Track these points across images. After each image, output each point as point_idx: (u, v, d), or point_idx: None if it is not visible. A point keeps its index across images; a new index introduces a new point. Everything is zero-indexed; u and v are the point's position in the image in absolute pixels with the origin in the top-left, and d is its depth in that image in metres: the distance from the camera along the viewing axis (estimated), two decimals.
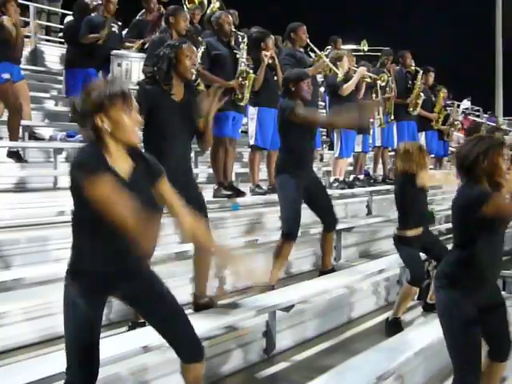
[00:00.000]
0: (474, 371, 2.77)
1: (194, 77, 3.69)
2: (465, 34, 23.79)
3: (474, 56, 24.16)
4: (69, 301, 2.31)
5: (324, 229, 4.76)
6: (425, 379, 3.78)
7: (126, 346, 2.88)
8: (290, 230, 4.43)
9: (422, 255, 4.56)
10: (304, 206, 4.61)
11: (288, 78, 4.56)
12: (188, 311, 3.69)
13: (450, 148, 10.31)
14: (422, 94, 8.37)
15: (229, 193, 5.50)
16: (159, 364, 3.15)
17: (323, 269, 4.83)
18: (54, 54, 9.49)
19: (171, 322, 2.45)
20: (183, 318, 2.48)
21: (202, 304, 3.80)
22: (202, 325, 3.30)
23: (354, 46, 8.71)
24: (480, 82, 20.77)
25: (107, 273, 2.29)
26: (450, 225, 6.99)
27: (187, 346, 2.48)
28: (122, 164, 2.26)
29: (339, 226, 5.83)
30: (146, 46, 6.58)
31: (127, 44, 7.32)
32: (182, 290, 3.80)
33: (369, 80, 7.07)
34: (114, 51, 6.79)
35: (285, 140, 4.51)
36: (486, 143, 2.76)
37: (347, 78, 6.79)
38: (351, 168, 7.89)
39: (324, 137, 7.82)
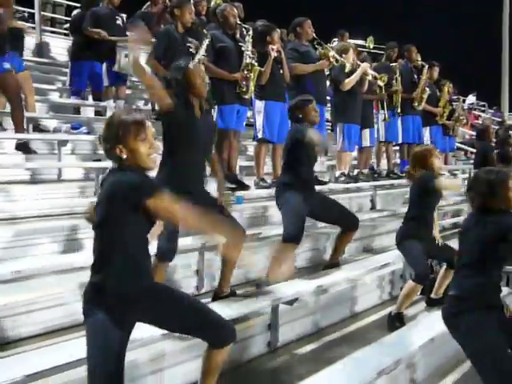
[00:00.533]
0: None
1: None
2: (470, 31, 23.72)
3: (479, 51, 24.08)
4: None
5: (345, 229, 4.73)
6: (426, 374, 3.78)
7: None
8: (294, 233, 4.34)
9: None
10: None
11: (294, 106, 4.63)
12: None
13: (456, 143, 10.31)
14: (427, 89, 8.34)
15: (233, 186, 5.50)
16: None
17: (330, 262, 4.81)
18: (59, 46, 9.51)
19: (192, 323, 2.55)
20: (201, 312, 2.58)
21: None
22: None
23: (359, 41, 8.67)
24: (485, 77, 20.67)
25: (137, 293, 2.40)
26: (454, 220, 7.01)
27: (215, 334, 2.58)
28: None
29: None
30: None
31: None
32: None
33: (370, 78, 7.05)
34: (120, 42, 6.79)
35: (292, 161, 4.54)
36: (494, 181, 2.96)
37: (351, 71, 6.76)
38: (355, 162, 7.87)
39: (329, 131, 7.79)
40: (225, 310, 3.50)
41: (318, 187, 6.47)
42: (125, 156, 2.35)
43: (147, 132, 2.37)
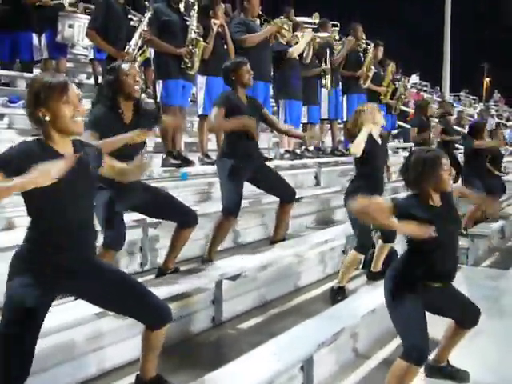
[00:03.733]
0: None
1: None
2: (414, 13, 24.14)
3: (423, 32, 24.59)
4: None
5: (282, 201, 4.72)
6: (366, 344, 3.90)
7: (81, 312, 2.86)
8: (230, 205, 4.33)
9: None
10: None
11: (226, 67, 4.52)
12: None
13: (398, 122, 10.53)
14: (372, 67, 8.45)
15: (177, 162, 5.44)
16: (117, 328, 3.17)
17: (274, 239, 4.84)
18: None
19: (128, 305, 2.55)
20: (138, 294, 2.57)
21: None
22: None
23: (306, 19, 8.66)
24: (428, 58, 21.19)
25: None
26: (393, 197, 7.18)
27: (151, 315, 2.59)
28: (65, 151, 2.34)
29: None
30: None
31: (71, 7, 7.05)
32: None
33: (319, 40, 7.11)
34: (63, 12, 6.54)
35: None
36: (425, 161, 2.95)
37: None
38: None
39: (274, 108, 7.79)
40: (169, 285, 3.50)
41: None
42: (47, 118, 2.27)
43: (70, 94, 2.29)
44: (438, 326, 3.20)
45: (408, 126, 10.95)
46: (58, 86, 2.28)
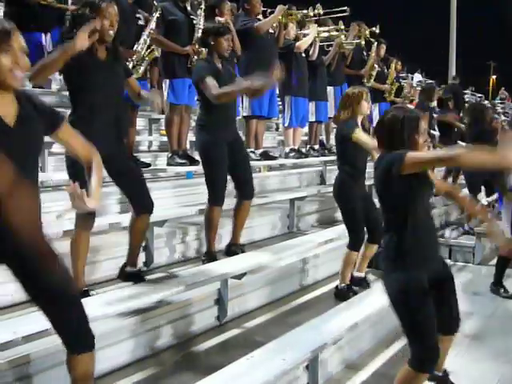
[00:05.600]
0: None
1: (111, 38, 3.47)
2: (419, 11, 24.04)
3: (429, 30, 24.50)
4: None
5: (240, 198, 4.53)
6: (372, 344, 3.90)
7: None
8: (217, 194, 4.29)
9: None
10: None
11: (208, 30, 4.44)
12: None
13: None
14: (376, 66, 8.43)
15: (183, 161, 5.45)
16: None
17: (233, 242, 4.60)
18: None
19: (57, 306, 2.22)
20: (73, 302, 2.26)
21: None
22: (155, 292, 3.31)
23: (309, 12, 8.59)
24: (434, 56, 21.13)
25: None
26: None
27: (74, 335, 2.26)
28: (5, 109, 2.09)
29: (293, 195, 5.91)
30: None
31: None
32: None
33: (326, 34, 7.09)
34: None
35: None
36: (404, 118, 2.71)
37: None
38: (307, 138, 7.91)
39: (280, 106, 7.78)
40: (174, 284, 3.51)
41: (267, 162, 6.55)
42: None
43: (12, 43, 2.02)
44: None
45: None
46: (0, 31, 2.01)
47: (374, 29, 7.97)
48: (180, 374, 3.14)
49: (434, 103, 8.79)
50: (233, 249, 4.52)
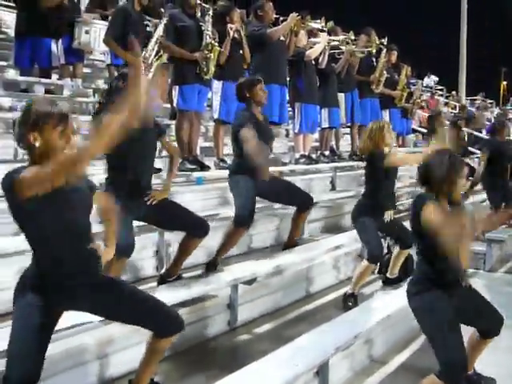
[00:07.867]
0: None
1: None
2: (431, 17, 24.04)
3: (439, 37, 24.46)
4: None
5: (299, 209, 4.68)
6: (382, 350, 3.89)
7: (90, 317, 2.81)
8: (244, 217, 4.29)
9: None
10: None
11: (242, 84, 4.49)
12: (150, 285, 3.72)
13: (413, 126, 10.48)
14: (384, 72, 8.43)
15: (193, 166, 5.48)
16: (123, 336, 3.14)
17: (289, 242, 4.83)
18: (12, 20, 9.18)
19: (139, 315, 2.52)
20: (147, 304, 2.54)
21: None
22: (166, 298, 3.31)
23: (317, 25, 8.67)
24: (445, 63, 21.09)
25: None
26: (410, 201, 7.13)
27: (162, 325, 2.54)
28: None
29: None
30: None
31: (87, 14, 7.14)
32: None
33: (336, 43, 7.12)
34: (81, 18, 6.62)
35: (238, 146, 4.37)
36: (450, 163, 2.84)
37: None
38: (317, 144, 7.92)
39: (290, 112, 7.81)
40: (186, 289, 3.52)
41: (277, 168, 6.55)
42: (37, 144, 2.20)
43: (67, 126, 2.24)
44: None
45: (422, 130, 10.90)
46: (57, 116, 2.22)
47: (382, 40, 8.00)
48: (191, 377, 3.15)
49: None
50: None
